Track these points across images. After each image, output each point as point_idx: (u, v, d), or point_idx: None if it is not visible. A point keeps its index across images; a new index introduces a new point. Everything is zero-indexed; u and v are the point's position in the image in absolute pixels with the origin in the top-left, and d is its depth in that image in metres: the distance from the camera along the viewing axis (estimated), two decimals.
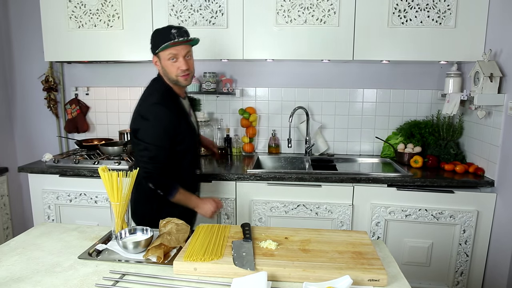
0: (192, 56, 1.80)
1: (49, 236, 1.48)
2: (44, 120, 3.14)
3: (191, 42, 1.74)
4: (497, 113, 2.19)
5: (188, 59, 1.75)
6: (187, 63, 1.73)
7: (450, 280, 2.31)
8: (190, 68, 1.75)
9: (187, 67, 1.73)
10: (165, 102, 1.74)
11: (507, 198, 2.09)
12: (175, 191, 1.72)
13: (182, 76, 1.74)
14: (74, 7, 2.55)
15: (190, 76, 1.77)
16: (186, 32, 1.75)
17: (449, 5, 2.32)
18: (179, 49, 1.71)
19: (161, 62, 1.75)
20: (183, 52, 1.72)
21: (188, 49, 1.74)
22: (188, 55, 1.75)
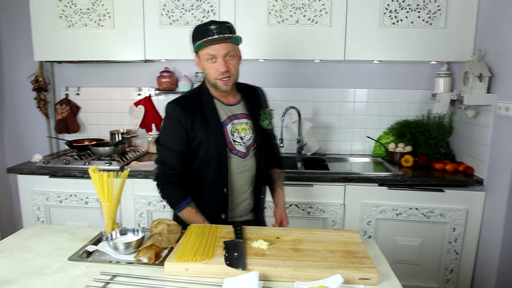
0: (236, 56, 1.54)
1: (38, 237, 1.46)
2: (34, 120, 3.11)
3: (228, 40, 1.48)
4: (486, 112, 2.21)
5: (229, 60, 1.50)
6: (226, 64, 1.49)
7: (440, 278, 2.33)
8: (230, 70, 1.51)
9: (226, 68, 1.49)
10: (182, 102, 1.57)
11: (496, 197, 2.12)
12: (180, 208, 1.57)
13: (221, 80, 1.51)
14: (64, 6, 2.52)
15: (231, 79, 1.53)
16: (229, 28, 1.50)
17: (439, 6, 2.34)
18: (218, 48, 1.47)
19: (201, 62, 1.54)
20: (223, 52, 1.48)
21: (229, 48, 1.49)
22: (230, 55, 1.50)
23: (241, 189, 1.65)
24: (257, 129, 1.66)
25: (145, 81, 2.97)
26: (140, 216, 2.40)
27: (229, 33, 1.48)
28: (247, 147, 1.63)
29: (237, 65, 1.55)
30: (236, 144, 1.61)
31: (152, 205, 2.37)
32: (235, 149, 1.61)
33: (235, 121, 1.62)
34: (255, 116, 1.67)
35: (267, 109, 1.70)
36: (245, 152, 1.63)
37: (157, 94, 2.95)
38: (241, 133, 1.62)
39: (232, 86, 1.56)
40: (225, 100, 1.63)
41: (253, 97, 1.72)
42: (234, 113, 1.63)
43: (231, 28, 1.51)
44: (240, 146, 1.61)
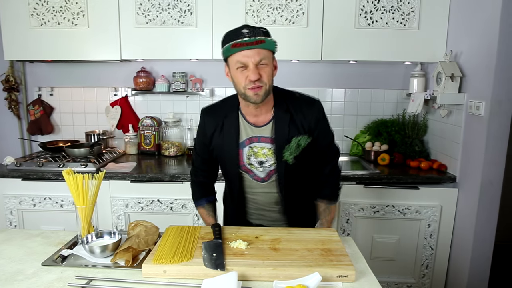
0: (270, 65, 1.35)
1: (10, 243, 1.42)
2: (5, 121, 3.01)
3: (261, 44, 1.30)
4: (458, 111, 2.28)
5: (262, 67, 1.32)
6: (258, 72, 1.31)
7: (416, 273, 2.39)
8: (263, 79, 1.33)
9: (257, 76, 1.30)
10: (210, 110, 1.53)
11: (468, 193, 2.18)
12: (196, 205, 1.62)
13: (251, 89, 1.33)
14: (36, 4, 2.45)
15: (262, 89, 1.34)
16: (264, 32, 1.33)
17: (412, 8, 2.39)
18: (250, 54, 1.30)
19: (231, 72, 1.38)
20: (255, 59, 1.30)
21: (262, 55, 1.30)
22: (263, 63, 1.32)
23: (264, 205, 1.59)
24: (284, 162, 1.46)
25: (122, 81, 2.93)
26: (117, 219, 2.36)
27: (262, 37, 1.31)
28: (267, 172, 1.49)
29: (271, 75, 1.37)
30: (253, 167, 1.49)
31: (129, 207, 2.34)
32: (252, 172, 1.50)
33: (254, 144, 1.47)
34: (282, 143, 1.45)
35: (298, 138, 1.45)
36: (263, 178, 1.50)
37: (134, 94, 2.91)
38: (260, 158, 1.47)
39: (263, 97, 1.37)
40: (252, 119, 1.47)
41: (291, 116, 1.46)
42: (256, 135, 1.47)
43: (267, 33, 1.35)
44: (258, 170, 1.49)
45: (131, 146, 2.88)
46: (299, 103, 1.48)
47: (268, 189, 1.54)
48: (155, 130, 2.83)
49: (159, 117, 2.92)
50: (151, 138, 2.84)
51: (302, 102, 1.50)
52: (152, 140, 2.84)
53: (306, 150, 1.48)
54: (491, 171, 2.06)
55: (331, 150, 1.61)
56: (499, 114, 2.00)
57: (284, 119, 1.45)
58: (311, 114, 1.47)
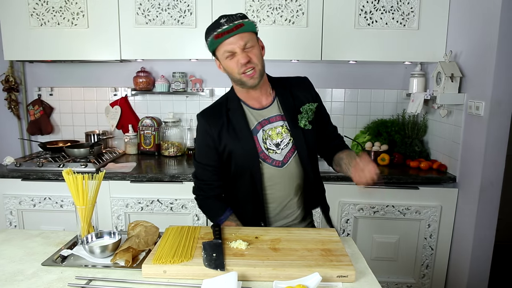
0: (256, 46, 1.37)
1: (10, 243, 1.42)
2: (5, 121, 3.01)
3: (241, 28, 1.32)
4: (458, 111, 2.28)
5: (249, 50, 1.34)
6: (246, 55, 1.33)
7: (416, 273, 2.39)
8: (253, 60, 1.34)
9: (247, 59, 1.32)
10: (208, 112, 1.48)
11: (468, 193, 2.18)
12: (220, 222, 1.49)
13: (245, 74, 1.35)
14: (36, 4, 2.45)
15: (256, 71, 1.35)
16: (241, 16, 1.35)
17: (412, 8, 2.39)
18: (234, 41, 1.32)
19: (222, 64, 1.40)
20: (240, 43, 1.32)
21: (246, 38, 1.32)
22: (249, 46, 1.34)
23: (281, 200, 1.50)
24: (297, 130, 1.45)
25: (121, 81, 2.93)
26: (117, 219, 2.36)
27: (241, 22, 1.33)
28: (285, 154, 1.45)
29: (260, 55, 1.38)
30: (271, 152, 1.44)
31: (129, 207, 2.34)
32: (270, 158, 1.45)
33: (267, 126, 1.45)
34: (292, 115, 1.45)
35: (307, 105, 1.44)
36: (282, 160, 1.45)
37: (134, 95, 2.91)
38: (275, 139, 1.44)
39: (259, 79, 1.38)
40: (255, 103, 1.46)
41: (291, 91, 1.49)
42: (265, 117, 1.45)
43: (244, 16, 1.37)
44: (276, 154, 1.45)
45: (131, 146, 2.88)
46: (293, 80, 1.54)
47: (286, 177, 1.46)
48: (155, 130, 2.83)
49: (159, 117, 2.92)
50: (151, 138, 2.84)
51: (294, 79, 1.55)
52: (152, 140, 2.84)
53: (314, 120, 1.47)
54: (491, 171, 2.06)
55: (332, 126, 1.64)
56: (499, 114, 2.00)
57: (286, 94, 1.48)
58: (307, 87, 1.53)
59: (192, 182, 1.58)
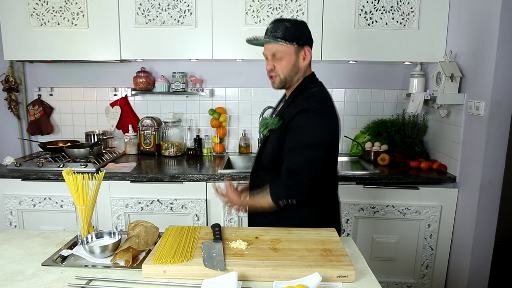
0: (288, 57, 1.51)
1: (10, 243, 1.42)
2: (5, 121, 3.01)
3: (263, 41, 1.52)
4: (457, 111, 2.28)
5: (276, 60, 1.52)
6: (271, 63, 1.54)
7: (416, 273, 2.38)
8: (275, 69, 1.53)
9: (270, 67, 1.54)
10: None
11: (468, 193, 2.18)
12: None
13: (269, 77, 1.58)
14: (36, 4, 2.45)
15: (278, 79, 1.55)
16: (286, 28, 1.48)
17: (412, 8, 2.39)
18: (266, 48, 1.54)
19: None
20: (269, 52, 1.53)
21: (274, 49, 1.51)
22: (278, 56, 1.51)
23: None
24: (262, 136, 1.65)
25: (121, 81, 2.93)
26: (117, 219, 2.35)
27: (280, 34, 1.48)
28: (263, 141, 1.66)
29: (288, 67, 1.52)
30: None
31: (129, 207, 2.34)
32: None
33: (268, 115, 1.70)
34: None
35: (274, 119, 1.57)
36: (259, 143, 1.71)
37: (134, 95, 2.91)
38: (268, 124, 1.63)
39: (279, 85, 1.58)
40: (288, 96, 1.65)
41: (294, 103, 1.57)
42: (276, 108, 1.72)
43: (288, 28, 1.48)
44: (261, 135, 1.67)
45: (131, 146, 2.88)
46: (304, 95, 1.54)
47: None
48: (155, 130, 2.83)
49: (159, 117, 2.92)
50: (151, 138, 2.84)
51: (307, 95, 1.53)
52: (152, 140, 2.84)
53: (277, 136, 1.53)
54: (491, 171, 2.06)
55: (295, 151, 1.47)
56: (499, 114, 2.00)
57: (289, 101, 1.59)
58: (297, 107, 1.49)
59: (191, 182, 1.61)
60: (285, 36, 1.48)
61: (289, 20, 1.52)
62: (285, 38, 1.48)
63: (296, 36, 1.49)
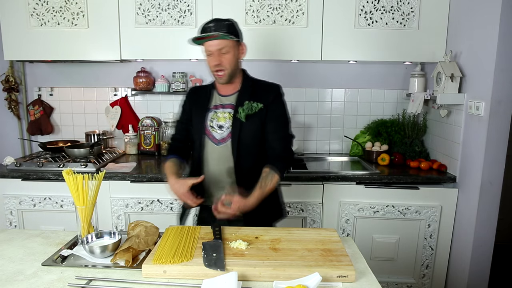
0: (232, 51, 1.61)
1: (10, 243, 1.42)
2: (5, 121, 3.01)
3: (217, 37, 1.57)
4: (457, 111, 2.28)
5: (223, 55, 1.60)
6: (219, 59, 1.60)
7: (416, 273, 2.38)
8: (223, 64, 1.61)
9: (217, 62, 1.60)
10: (197, 86, 1.87)
11: (468, 193, 2.18)
12: (167, 159, 1.75)
13: (216, 73, 1.64)
14: (36, 4, 2.45)
15: (225, 73, 1.63)
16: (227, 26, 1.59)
17: (412, 8, 2.39)
18: (212, 44, 1.59)
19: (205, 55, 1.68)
20: (216, 48, 1.58)
21: (222, 44, 1.58)
22: (224, 51, 1.59)
23: (217, 178, 1.70)
24: (237, 121, 1.65)
25: (121, 81, 2.93)
26: (117, 219, 2.36)
27: (226, 30, 1.57)
28: (223, 136, 1.68)
29: (233, 60, 1.62)
30: (213, 130, 1.70)
31: (129, 207, 2.34)
32: (211, 135, 1.70)
33: (219, 109, 1.71)
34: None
35: (251, 102, 1.65)
36: (219, 140, 1.69)
37: (134, 95, 2.91)
38: (220, 121, 1.69)
39: (227, 79, 1.65)
40: (222, 91, 1.74)
41: (254, 91, 1.69)
42: (223, 103, 1.72)
43: (230, 25, 1.60)
44: (216, 133, 1.69)
45: (131, 146, 2.88)
46: (263, 84, 1.74)
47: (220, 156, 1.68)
48: (155, 130, 2.83)
49: (159, 117, 2.92)
50: (151, 138, 2.84)
51: (266, 84, 1.75)
52: (152, 140, 2.84)
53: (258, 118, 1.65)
54: (491, 171, 2.06)
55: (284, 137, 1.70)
56: (499, 114, 2.00)
57: (247, 92, 1.69)
58: (271, 92, 1.70)
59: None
60: (231, 32, 1.59)
61: (226, 19, 1.63)
62: (232, 34, 1.59)
63: (237, 33, 1.63)
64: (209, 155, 1.71)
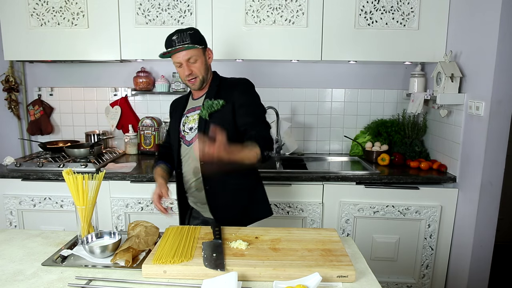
0: (200, 59, 1.68)
1: (10, 243, 1.42)
2: (5, 121, 3.01)
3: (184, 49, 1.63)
4: (458, 111, 2.28)
5: (192, 64, 1.67)
6: (189, 68, 1.67)
7: (416, 273, 2.38)
8: (194, 72, 1.68)
9: (189, 71, 1.67)
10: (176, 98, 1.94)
11: (468, 193, 2.18)
12: (156, 166, 1.83)
13: (189, 81, 1.70)
14: (36, 4, 2.45)
15: (198, 80, 1.70)
16: (190, 35, 1.65)
17: (412, 8, 2.39)
18: (180, 55, 1.65)
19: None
20: (184, 58, 1.65)
21: (190, 54, 1.65)
22: (193, 60, 1.66)
23: (186, 176, 1.77)
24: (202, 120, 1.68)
25: (121, 81, 2.93)
26: (117, 219, 2.35)
27: (189, 40, 1.63)
28: (192, 137, 1.72)
29: (202, 67, 1.69)
30: (185, 133, 1.76)
31: (129, 207, 2.34)
32: (184, 137, 1.77)
33: (190, 113, 1.78)
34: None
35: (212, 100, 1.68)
36: (189, 141, 1.74)
37: (134, 95, 2.91)
38: (190, 124, 1.75)
39: (200, 85, 1.72)
40: (194, 95, 1.81)
41: (220, 89, 1.74)
42: (193, 106, 1.79)
43: (192, 35, 1.65)
44: (188, 135, 1.75)
45: (131, 146, 2.88)
46: (229, 81, 1.78)
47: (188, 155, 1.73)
48: (155, 130, 2.83)
49: (159, 117, 2.92)
50: (151, 138, 2.84)
51: (233, 80, 1.78)
52: (152, 140, 2.84)
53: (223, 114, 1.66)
54: (491, 171, 2.06)
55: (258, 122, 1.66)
56: (499, 114, 2.00)
57: (213, 92, 1.74)
58: (236, 87, 1.72)
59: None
60: (195, 41, 1.64)
61: (188, 28, 1.67)
62: (196, 43, 1.65)
63: (201, 40, 1.69)
64: (182, 157, 1.78)
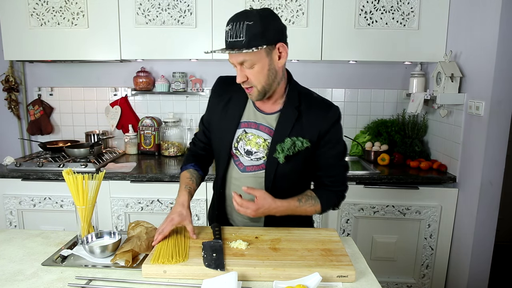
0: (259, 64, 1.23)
1: (10, 243, 1.42)
2: (5, 121, 3.01)
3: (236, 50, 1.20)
4: (458, 111, 2.28)
5: (246, 69, 1.25)
6: (241, 74, 1.25)
7: (416, 273, 2.39)
8: (250, 80, 1.26)
9: (241, 79, 1.26)
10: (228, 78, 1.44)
11: (468, 193, 2.18)
12: (184, 169, 1.50)
13: (246, 89, 1.30)
14: (36, 4, 2.45)
15: (255, 91, 1.27)
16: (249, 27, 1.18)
17: (412, 8, 2.39)
18: (231, 56, 1.24)
19: None
20: (238, 60, 1.23)
21: (242, 57, 1.21)
22: (247, 65, 1.23)
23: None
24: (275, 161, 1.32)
25: (121, 81, 2.93)
26: (117, 219, 2.35)
27: (243, 37, 1.18)
28: (251, 165, 1.37)
29: (262, 73, 1.25)
30: (239, 154, 1.38)
31: (129, 207, 2.34)
32: (236, 157, 1.39)
33: (251, 129, 1.36)
34: (280, 137, 1.32)
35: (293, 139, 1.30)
36: (246, 167, 1.38)
37: (134, 95, 2.91)
38: (249, 146, 1.36)
39: (258, 97, 1.30)
40: (260, 104, 1.37)
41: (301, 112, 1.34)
42: (258, 121, 1.36)
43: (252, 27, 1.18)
44: (242, 157, 1.38)
45: (131, 146, 2.88)
46: (314, 104, 1.37)
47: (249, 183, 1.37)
48: (155, 130, 2.83)
49: (159, 117, 2.92)
50: (151, 138, 2.84)
51: (318, 103, 1.38)
52: (152, 140, 2.84)
53: (303, 155, 1.33)
54: (491, 171, 2.06)
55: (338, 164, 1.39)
56: (499, 114, 2.00)
57: (291, 115, 1.33)
58: (323, 118, 1.34)
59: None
60: (249, 40, 1.18)
61: (250, 14, 1.21)
62: (249, 43, 1.18)
63: (263, 35, 1.19)
64: (232, 179, 1.42)
